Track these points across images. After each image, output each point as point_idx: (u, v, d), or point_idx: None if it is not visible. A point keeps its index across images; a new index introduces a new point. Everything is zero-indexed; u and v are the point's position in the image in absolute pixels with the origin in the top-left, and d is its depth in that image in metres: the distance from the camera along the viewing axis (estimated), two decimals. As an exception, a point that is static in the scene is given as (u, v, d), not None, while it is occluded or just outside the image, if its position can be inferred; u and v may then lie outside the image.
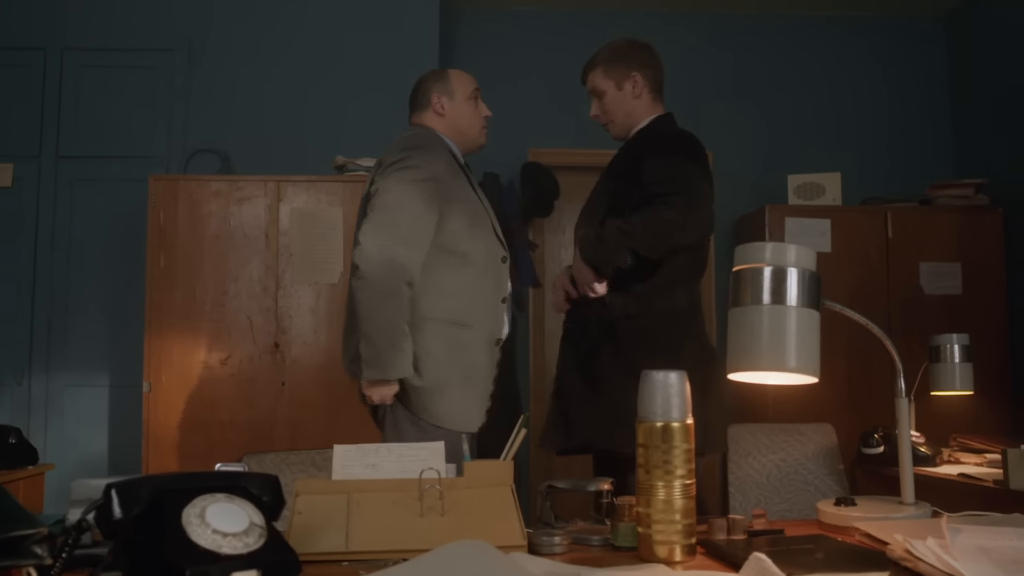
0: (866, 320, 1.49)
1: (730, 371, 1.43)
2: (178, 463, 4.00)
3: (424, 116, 2.85)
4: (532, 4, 5.42)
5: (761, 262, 1.39)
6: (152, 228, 4.11)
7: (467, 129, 2.84)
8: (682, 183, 2.49)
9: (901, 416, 1.50)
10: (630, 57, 2.79)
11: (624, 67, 2.78)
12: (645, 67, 2.79)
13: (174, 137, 4.73)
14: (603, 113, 2.82)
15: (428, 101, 2.83)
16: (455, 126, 2.83)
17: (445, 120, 2.82)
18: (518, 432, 1.51)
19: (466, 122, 2.84)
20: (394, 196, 2.53)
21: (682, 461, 1.30)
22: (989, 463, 3.06)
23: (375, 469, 1.49)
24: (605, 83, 2.79)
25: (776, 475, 3.31)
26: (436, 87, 2.84)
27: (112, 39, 4.77)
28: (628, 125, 2.80)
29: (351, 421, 4.04)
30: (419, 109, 2.87)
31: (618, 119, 2.80)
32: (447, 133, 2.82)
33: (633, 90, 2.77)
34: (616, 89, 2.78)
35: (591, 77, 2.83)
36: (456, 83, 2.85)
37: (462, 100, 2.83)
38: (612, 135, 2.87)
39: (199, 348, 4.07)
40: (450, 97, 2.82)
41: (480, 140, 2.89)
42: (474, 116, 2.85)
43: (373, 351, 2.48)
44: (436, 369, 2.59)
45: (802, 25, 5.55)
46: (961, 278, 4.79)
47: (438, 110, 2.82)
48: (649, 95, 2.80)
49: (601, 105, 2.82)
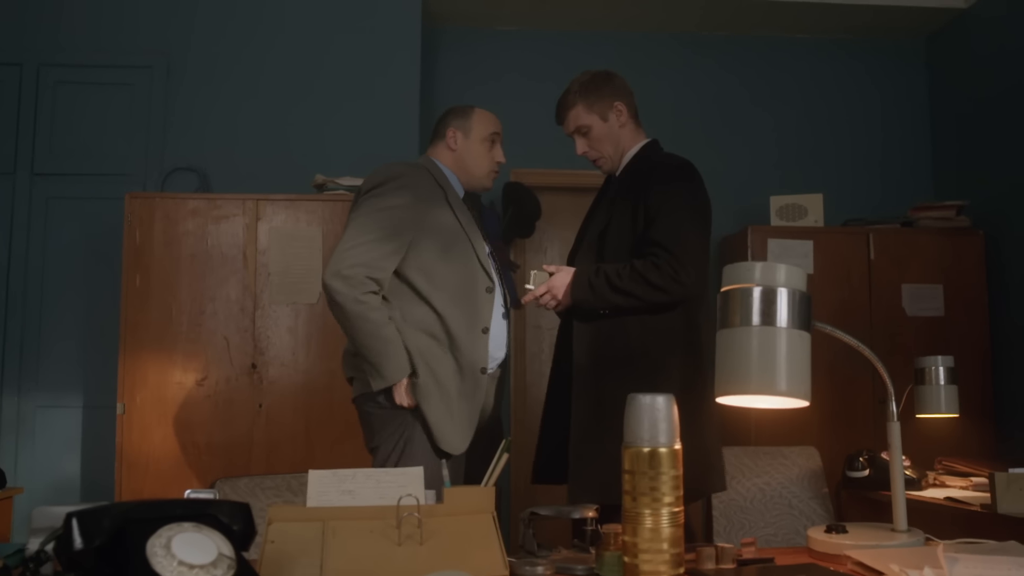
0: (857, 342, 1.46)
1: (719, 394, 1.39)
2: (152, 487, 3.92)
3: (436, 148, 2.88)
4: (515, 23, 5.40)
5: (750, 282, 1.36)
6: (128, 247, 4.04)
7: (474, 169, 2.85)
8: (677, 242, 2.53)
9: (893, 441, 1.46)
10: (608, 87, 2.79)
11: (606, 98, 2.77)
12: (623, 95, 2.80)
13: (151, 155, 4.66)
14: (592, 149, 2.81)
15: (444, 133, 2.86)
16: (462, 163, 2.84)
17: (454, 156, 2.85)
18: (500, 457, 1.47)
19: (474, 163, 2.84)
20: (357, 223, 2.62)
21: (670, 488, 1.25)
22: (975, 486, 3.03)
23: (352, 495, 1.44)
24: (589, 118, 2.78)
25: (760, 499, 3.27)
26: (455, 122, 2.86)
27: (89, 55, 4.70)
28: (618, 156, 2.80)
29: (329, 444, 3.99)
30: (435, 139, 2.90)
31: (608, 152, 2.80)
32: (452, 167, 2.85)
33: (618, 119, 2.77)
34: (602, 122, 2.77)
35: (572, 115, 2.81)
36: (476, 122, 2.85)
37: (477, 140, 2.84)
38: (603, 170, 2.86)
39: (174, 369, 4.00)
40: (465, 135, 2.84)
41: (485, 183, 2.89)
42: (484, 158, 2.85)
43: (369, 364, 2.57)
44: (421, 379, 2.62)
45: (783, 46, 5.55)
46: (943, 300, 4.79)
47: (451, 144, 2.84)
48: (631, 122, 2.80)
49: (588, 141, 2.80)
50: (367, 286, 2.57)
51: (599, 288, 2.57)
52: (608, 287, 2.56)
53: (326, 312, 4.06)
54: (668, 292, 2.52)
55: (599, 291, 2.57)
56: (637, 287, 2.52)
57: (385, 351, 2.55)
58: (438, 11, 5.16)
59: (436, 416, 2.59)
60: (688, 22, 5.40)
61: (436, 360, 2.62)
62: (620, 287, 2.54)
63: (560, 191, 5.31)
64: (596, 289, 2.58)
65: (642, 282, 2.52)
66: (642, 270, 2.53)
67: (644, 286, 2.52)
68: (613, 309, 2.59)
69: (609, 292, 2.55)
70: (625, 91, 2.81)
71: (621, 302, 2.56)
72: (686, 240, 2.55)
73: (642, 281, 2.52)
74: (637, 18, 5.33)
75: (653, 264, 2.52)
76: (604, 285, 2.56)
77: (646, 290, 2.52)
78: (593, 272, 2.61)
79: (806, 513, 3.26)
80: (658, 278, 2.51)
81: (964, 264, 4.84)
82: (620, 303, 2.56)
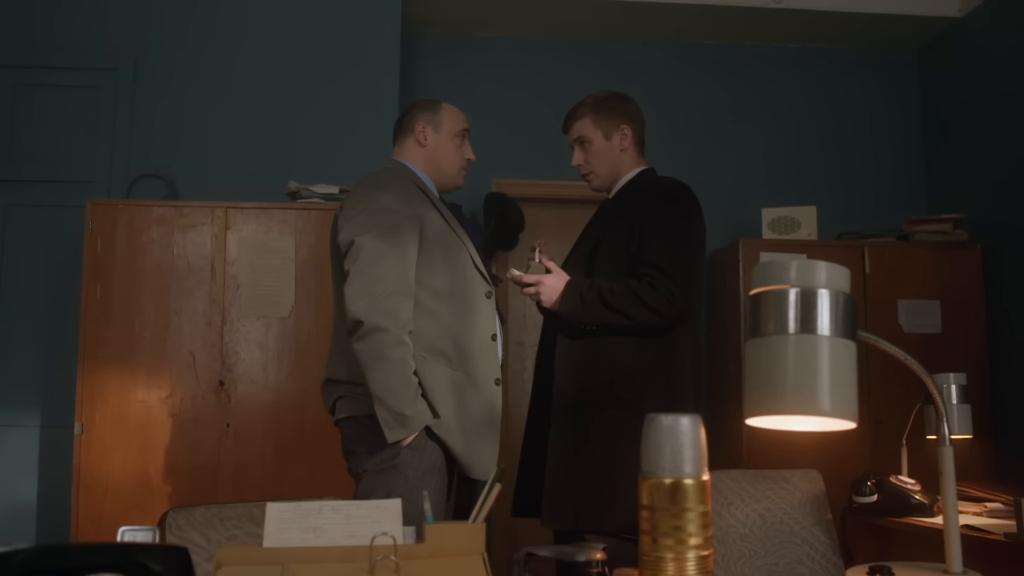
0: (905, 355, 1.27)
1: (748, 415, 1.19)
2: (111, 513, 3.68)
3: (405, 145, 2.73)
4: (497, 30, 5.22)
5: (785, 283, 1.16)
6: (88, 256, 3.82)
7: (446, 167, 2.72)
8: (673, 264, 2.47)
9: (946, 468, 1.28)
10: (620, 109, 2.75)
11: (615, 118, 2.73)
12: (634, 120, 2.76)
13: (116, 161, 4.43)
14: (586, 163, 2.76)
15: (412, 128, 2.72)
16: (434, 161, 2.71)
17: (425, 152, 2.71)
18: (491, 488, 1.26)
19: (446, 159, 2.72)
20: (368, 250, 2.40)
21: (697, 527, 1.05)
22: (989, 512, 2.84)
23: (317, 533, 1.23)
24: (593, 132, 2.73)
25: (760, 525, 3.07)
26: (423, 116, 2.72)
27: (52, 56, 4.47)
28: (612, 178, 2.75)
29: (301, 467, 3.77)
30: (401, 136, 2.75)
31: (602, 171, 2.75)
32: (424, 167, 2.70)
33: (621, 142, 2.73)
34: (604, 140, 2.73)
35: (578, 125, 2.76)
36: (445, 117, 2.73)
37: (447, 136, 2.72)
38: (592, 186, 2.80)
39: (137, 386, 3.77)
40: (435, 129, 2.71)
41: (457, 181, 2.77)
42: (456, 155, 2.74)
43: (390, 412, 2.34)
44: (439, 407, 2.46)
45: (771, 56, 5.41)
46: (940, 316, 4.63)
47: (420, 140, 2.70)
48: (634, 149, 2.76)
49: (586, 155, 2.75)
50: (410, 323, 2.40)
51: (591, 303, 2.49)
52: (600, 303, 2.48)
53: (298, 327, 3.88)
54: (662, 314, 2.46)
55: (590, 306, 2.49)
56: (630, 306, 2.46)
57: (408, 396, 2.35)
58: (419, 17, 4.98)
59: (459, 444, 2.45)
60: (673, 30, 5.24)
61: (457, 390, 2.48)
62: (613, 304, 2.47)
63: (543, 202, 5.14)
64: (587, 304, 2.50)
65: (636, 302, 2.45)
66: (637, 290, 2.46)
67: (638, 306, 2.45)
68: (601, 327, 2.51)
69: (601, 309, 2.48)
70: (637, 118, 2.78)
71: (612, 320, 2.49)
72: (682, 262, 2.49)
73: (636, 301, 2.45)
74: (621, 25, 5.16)
75: (649, 284, 2.46)
76: (596, 301, 2.49)
77: (639, 310, 2.45)
78: (586, 286, 2.53)
79: (809, 541, 3.06)
80: (653, 299, 2.45)
81: (962, 279, 4.69)
82: (611, 321, 2.49)
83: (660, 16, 5.03)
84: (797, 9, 4.94)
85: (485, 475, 2.48)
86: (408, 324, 2.39)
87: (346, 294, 2.38)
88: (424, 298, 2.48)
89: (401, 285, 2.41)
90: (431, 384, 2.43)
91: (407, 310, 2.40)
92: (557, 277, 2.58)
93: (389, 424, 2.33)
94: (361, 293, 2.36)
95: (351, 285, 2.38)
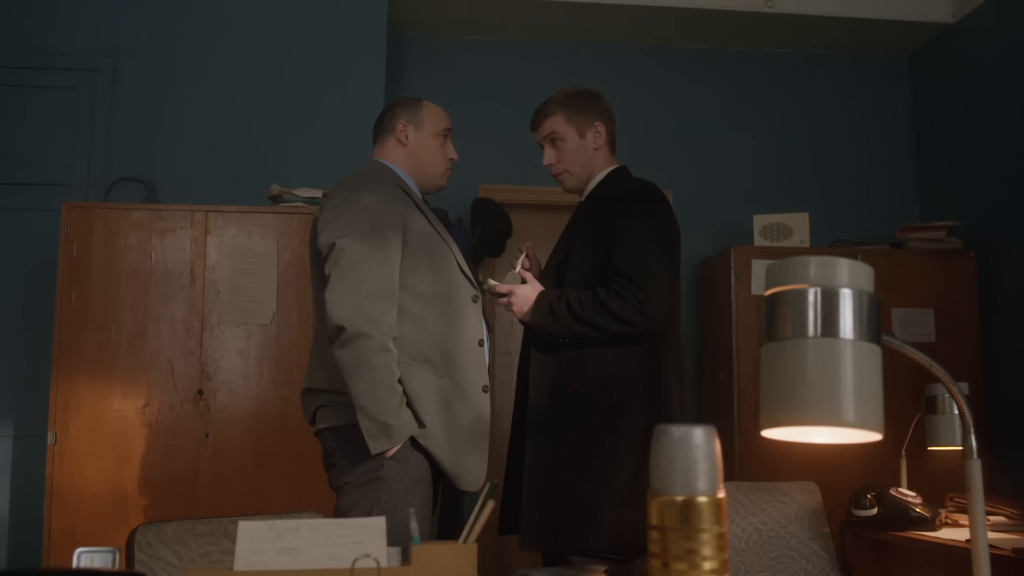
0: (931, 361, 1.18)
1: (764, 426, 1.09)
2: (85, 525, 3.57)
3: (385, 145, 2.63)
4: (484, 34, 5.14)
5: (804, 282, 1.07)
6: (63, 261, 3.70)
7: (429, 167, 2.63)
8: (640, 271, 2.39)
9: (973, 483, 1.18)
10: (593, 105, 2.66)
11: (588, 115, 2.64)
12: (605, 118, 2.67)
13: (94, 164, 4.31)
14: (559, 162, 2.65)
15: (393, 127, 2.62)
16: (416, 161, 2.61)
17: (407, 152, 2.61)
18: (483, 505, 1.16)
19: (429, 159, 2.63)
20: (349, 253, 2.32)
21: (713, 549, 0.95)
22: (993, 526, 2.76)
23: (293, 555, 1.12)
24: (566, 130, 2.63)
25: (757, 539, 2.98)
26: (405, 114, 2.62)
27: (28, 56, 4.36)
28: (585, 177, 2.66)
29: (282, 478, 3.66)
30: (382, 135, 2.65)
31: (576, 170, 2.65)
32: (406, 167, 2.61)
33: (595, 140, 2.64)
34: (578, 137, 2.63)
35: (549, 123, 2.65)
36: (428, 115, 2.64)
37: (430, 135, 2.62)
38: (565, 187, 2.71)
39: (113, 395, 3.65)
40: (417, 128, 2.61)
41: (440, 182, 2.68)
42: (439, 155, 2.64)
43: (374, 422, 2.24)
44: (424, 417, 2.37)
45: (761, 60, 5.35)
46: (934, 325, 4.56)
47: (401, 139, 2.61)
48: (607, 147, 2.67)
49: (558, 154, 2.64)
50: (394, 329, 2.31)
51: (560, 315, 2.42)
52: (569, 315, 2.41)
53: (280, 334, 3.77)
54: (631, 323, 2.37)
55: (560, 318, 2.42)
56: (598, 316, 2.38)
57: (393, 405, 2.25)
58: (405, 20, 4.89)
59: (446, 455, 2.36)
60: (661, 34, 5.17)
61: (443, 398, 2.38)
62: (581, 315, 2.40)
63: (531, 208, 5.05)
64: (557, 316, 2.42)
65: (603, 311, 2.37)
66: (604, 299, 2.38)
67: (605, 316, 2.37)
68: (572, 339, 2.44)
69: (570, 320, 2.41)
70: (608, 115, 2.69)
71: (581, 331, 2.41)
72: (651, 269, 2.40)
73: (603, 310, 2.37)
74: (608, 29, 5.08)
75: (616, 293, 2.38)
76: (565, 312, 2.42)
77: (607, 320, 2.38)
78: (556, 297, 2.45)
79: (806, 555, 2.98)
80: (620, 308, 2.36)
81: (955, 288, 4.62)
82: (580, 332, 2.42)
83: (647, 19, 4.94)
84: (788, 14, 4.88)
85: (473, 487, 2.40)
86: (392, 330, 2.31)
87: (327, 299, 2.29)
88: (408, 303, 2.39)
89: (385, 289, 2.32)
90: (416, 392, 2.34)
91: (391, 315, 2.32)
92: (530, 288, 2.50)
93: (373, 435, 2.23)
94: (343, 298, 2.27)
95: (332, 289, 2.29)
